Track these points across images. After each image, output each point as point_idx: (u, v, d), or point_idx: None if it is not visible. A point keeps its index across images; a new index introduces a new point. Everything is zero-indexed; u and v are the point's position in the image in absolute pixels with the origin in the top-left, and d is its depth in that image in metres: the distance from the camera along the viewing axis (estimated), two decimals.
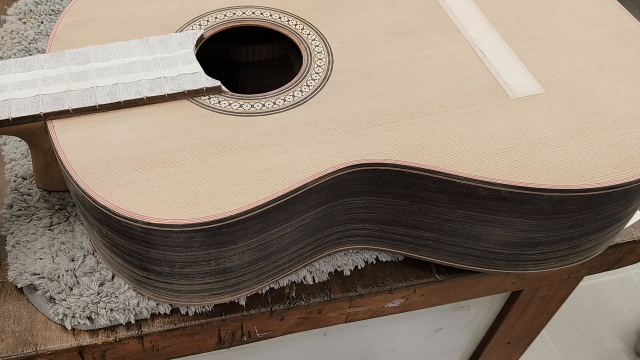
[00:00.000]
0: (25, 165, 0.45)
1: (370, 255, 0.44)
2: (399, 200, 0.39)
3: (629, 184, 0.37)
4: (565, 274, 0.51)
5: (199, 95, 0.39)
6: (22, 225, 0.42)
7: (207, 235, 0.33)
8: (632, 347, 1.19)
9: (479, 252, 0.41)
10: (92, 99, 0.37)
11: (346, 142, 0.37)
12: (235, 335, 0.43)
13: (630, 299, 1.27)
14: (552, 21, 0.47)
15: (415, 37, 0.45)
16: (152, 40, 0.41)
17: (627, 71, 0.43)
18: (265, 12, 0.46)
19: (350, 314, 0.45)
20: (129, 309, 0.39)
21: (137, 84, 0.38)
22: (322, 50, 0.43)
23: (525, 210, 0.37)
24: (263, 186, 0.34)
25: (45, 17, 0.56)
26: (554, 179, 0.36)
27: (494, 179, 0.36)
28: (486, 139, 0.38)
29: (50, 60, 0.39)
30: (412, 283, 0.44)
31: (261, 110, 0.38)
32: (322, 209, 0.38)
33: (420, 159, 0.36)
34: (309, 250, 0.41)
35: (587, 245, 0.42)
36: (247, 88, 0.51)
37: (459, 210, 0.38)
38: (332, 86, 0.40)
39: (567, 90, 0.41)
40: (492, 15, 0.47)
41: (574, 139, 0.38)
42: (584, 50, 0.44)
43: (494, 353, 0.67)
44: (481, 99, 0.40)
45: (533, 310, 0.60)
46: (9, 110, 0.35)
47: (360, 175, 0.37)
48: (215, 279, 0.36)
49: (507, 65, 0.43)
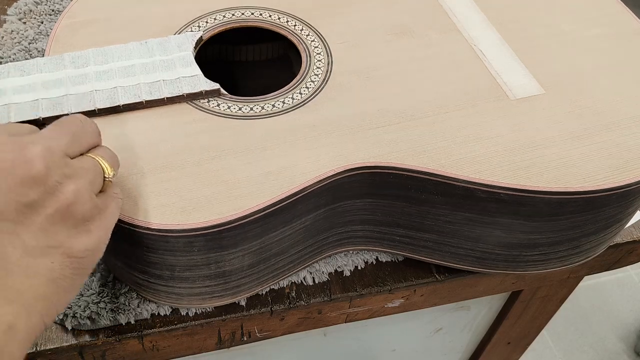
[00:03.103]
0: None
1: (370, 255, 0.45)
2: (399, 203, 0.39)
3: (629, 185, 0.36)
4: (565, 274, 0.51)
5: (198, 99, 0.39)
6: None
7: (207, 240, 0.33)
8: (632, 347, 1.19)
9: (479, 253, 0.41)
10: (91, 103, 0.37)
11: (346, 144, 0.37)
12: (235, 335, 0.43)
13: (630, 299, 1.27)
14: (553, 21, 0.46)
15: (415, 37, 0.44)
16: (151, 42, 0.41)
17: (628, 71, 0.43)
18: (264, 13, 0.45)
19: (350, 314, 0.46)
20: (129, 309, 0.39)
21: (136, 87, 0.38)
22: (321, 51, 0.43)
23: (525, 212, 0.37)
24: (263, 190, 0.34)
25: (45, 17, 0.56)
26: (554, 181, 0.36)
27: (493, 181, 0.36)
28: (486, 140, 0.38)
29: (49, 63, 0.39)
30: (412, 283, 0.44)
31: (260, 113, 0.38)
32: (322, 211, 0.38)
33: (420, 161, 0.36)
34: (309, 252, 0.41)
35: (587, 246, 0.42)
36: (246, 88, 0.51)
37: (459, 212, 0.38)
38: (331, 88, 0.40)
39: (567, 90, 0.41)
40: (492, 15, 0.47)
41: (573, 140, 0.38)
42: (585, 50, 0.44)
43: (494, 353, 0.68)
44: (481, 100, 0.40)
45: (533, 310, 0.60)
46: (8, 115, 0.35)
47: (360, 178, 0.37)
48: (216, 282, 0.37)
49: (507, 65, 0.43)
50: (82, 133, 0.30)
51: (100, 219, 0.29)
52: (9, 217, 0.26)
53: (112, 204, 0.30)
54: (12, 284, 0.25)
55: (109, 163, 0.31)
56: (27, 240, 0.26)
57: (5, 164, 0.26)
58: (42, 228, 0.26)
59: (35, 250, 0.26)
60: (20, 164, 0.26)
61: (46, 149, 0.27)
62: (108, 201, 0.30)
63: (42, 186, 0.26)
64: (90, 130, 0.31)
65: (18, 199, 0.26)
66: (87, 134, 0.31)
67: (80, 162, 0.29)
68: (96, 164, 0.30)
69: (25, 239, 0.26)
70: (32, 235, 0.26)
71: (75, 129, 0.30)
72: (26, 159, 0.26)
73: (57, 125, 0.30)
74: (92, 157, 0.30)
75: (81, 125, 0.31)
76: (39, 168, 0.26)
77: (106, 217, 0.30)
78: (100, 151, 0.31)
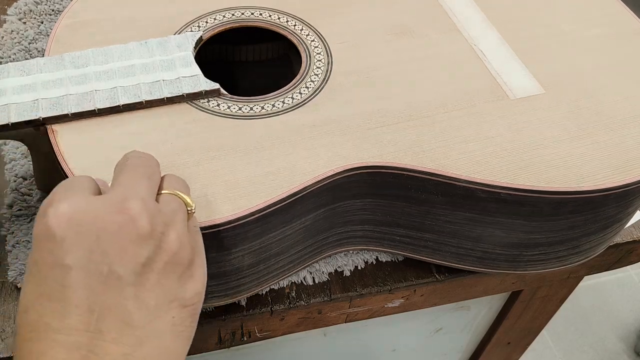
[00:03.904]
0: (25, 165, 0.45)
1: (370, 255, 0.45)
2: (399, 203, 0.39)
3: (628, 185, 0.36)
4: (565, 274, 0.51)
5: (198, 99, 0.39)
6: (22, 225, 0.42)
7: (206, 239, 0.33)
8: (632, 347, 1.19)
9: (479, 253, 0.41)
10: (91, 103, 0.37)
11: (345, 144, 0.37)
12: (235, 335, 0.43)
13: (630, 299, 1.27)
14: (553, 20, 0.46)
15: (415, 37, 0.44)
16: (150, 42, 0.41)
17: (628, 71, 0.43)
18: (264, 13, 0.45)
19: (350, 314, 0.46)
20: None
21: (136, 87, 0.38)
22: (321, 51, 0.43)
23: (525, 212, 0.37)
24: (262, 190, 0.34)
25: (45, 17, 0.56)
26: (554, 181, 0.36)
27: (493, 181, 0.36)
28: (486, 140, 0.38)
29: (49, 63, 0.39)
30: (412, 283, 0.44)
31: (260, 113, 0.38)
32: (321, 211, 0.38)
33: (419, 161, 0.36)
34: (309, 252, 0.41)
35: (587, 245, 0.42)
36: (246, 87, 0.51)
37: (459, 212, 0.38)
38: (331, 88, 0.40)
39: (568, 90, 0.41)
40: (492, 14, 0.47)
41: (574, 140, 0.38)
42: (585, 50, 0.44)
43: (494, 353, 0.68)
44: (481, 100, 0.40)
45: (533, 310, 0.60)
46: (8, 115, 0.35)
47: (359, 178, 0.37)
48: (216, 282, 0.37)
49: (507, 65, 0.43)
50: (151, 170, 0.29)
51: (197, 257, 0.28)
52: (129, 281, 0.24)
53: (199, 239, 0.29)
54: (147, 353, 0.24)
55: (186, 194, 0.29)
56: (149, 302, 0.25)
57: (112, 226, 0.24)
58: (157, 284, 0.25)
59: (157, 310, 0.25)
60: (126, 225, 0.25)
61: (142, 202, 0.25)
62: (197, 237, 0.29)
63: (150, 241, 0.25)
64: (155, 164, 0.30)
65: (134, 260, 0.25)
66: (153, 169, 0.29)
67: (168, 204, 0.28)
68: (180, 201, 0.28)
69: (147, 300, 0.25)
70: (152, 294, 0.25)
71: (145, 168, 0.28)
72: (130, 218, 0.25)
73: (129, 172, 0.28)
74: (174, 194, 0.28)
75: (146, 162, 0.29)
76: (144, 224, 0.25)
77: (201, 254, 0.28)
78: (173, 184, 0.29)
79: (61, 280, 0.24)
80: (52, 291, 0.24)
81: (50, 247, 0.24)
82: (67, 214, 0.25)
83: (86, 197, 0.26)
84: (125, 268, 0.24)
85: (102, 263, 0.24)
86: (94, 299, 0.24)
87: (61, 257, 0.24)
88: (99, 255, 0.24)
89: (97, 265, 0.24)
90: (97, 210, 0.25)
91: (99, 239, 0.24)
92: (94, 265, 0.24)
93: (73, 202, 0.25)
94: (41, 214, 0.25)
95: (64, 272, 0.24)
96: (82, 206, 0.25)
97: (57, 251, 0.24)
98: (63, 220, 0.24)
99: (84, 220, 0.25)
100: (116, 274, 0.24)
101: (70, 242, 0.24)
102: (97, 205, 0.25)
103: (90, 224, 0.25)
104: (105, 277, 0.24)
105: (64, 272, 0.24)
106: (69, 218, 0.25)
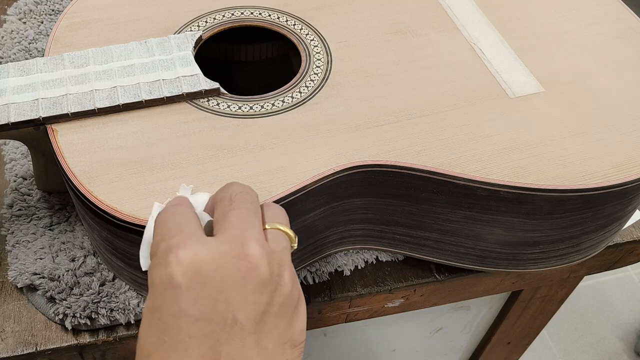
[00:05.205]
0: (25, 165, 0.45)
1: (370, 255, 0.45)
2: (399, 201, 0.39)
3: (628, 183, 0.36)
4: (565, 273, 0.51)
5: (197, 98, 0.39)
6: (22, 225, 0.42)
7: None
8: (632, 347, 1.19)
9: (479, 252, 0.41)
10: (91, 103, 0.37)
11: (345, 143, 0.37)
12: None
13: (630, 299, 1.27)
14: (552, 19, 0.47)
15: (415, 36, 0.45)
16: (150, 42, 0.41)
17: (628, 69, 0.43)
18: (264, 12, 0.46)
19: (350, 314, 0.46)
20: (129, 309, 0.39)
21: (135, 87, 0.38)
22: (320, 50, 0.43)
23: (524, 210, 0.37)
24: (262, 189, 0.34)
25: (45, 17, 0.56)
26: (554, 179, 0.36)
27: (493, 179, 0.36)
28: (485, 139, 0.38)
29: (49, 63, 0.39)
30: (412, 283, 0.44)
31: (260, 112, 0.38)
32: (321, 210, 0.38)
33: (419, 160, 0.36)
34: (309, 251, 0.41)
35: (587, 244, 0.42)
36: (246, 87, 0.51)
37: (459, 210, 0.38)
38: (330, 87, 0.40)
39: (567, 89, 0.41)
40: (492, 13, 0.47)
41: (573, 138, 0.38)
42: (585, 49, 0.44)
43: (494, 353, 0.67)
44: (480, 99, 0.40)
45: (533, 310, 0.60)
46: (8, 114, 0.35)
47: (359, 177, 0.37)
48: None
49: (507, 64, 0.43)
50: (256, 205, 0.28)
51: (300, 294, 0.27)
52: (251, 329, 0.24)
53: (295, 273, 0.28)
54: None
55: (287, 225, 0.28)
56: (268, 347, 0.24)
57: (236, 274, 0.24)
58: (274, 328, 0.25)
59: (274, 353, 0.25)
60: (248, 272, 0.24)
61: (261, 245, 0.25)
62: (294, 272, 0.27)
63: (269, 287, 0.25)
64: (256, 196, 0.28)
65: (255, 307, 0.24)
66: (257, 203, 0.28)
67: (278, 243, 0.27)
68: (286, 238, 0.28)
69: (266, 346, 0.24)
70: (270, 339, 0.25)
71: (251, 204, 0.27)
72: (253, 265, 0.24)
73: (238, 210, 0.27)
74: (280, 230, 0.28)
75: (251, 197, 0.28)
76: (264, 270, 0.24)
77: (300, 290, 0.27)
78: (277, 217, 0.28)
79: (187, 330, 0.24)
80: (176, 342, 0.23)
81: (174, 296, 0.24)
82: (192, 263, 0.24)
83: (205, 243, 0.25)
84: (247, 316, 0.24)
85: (226, 311, 0.24)
86: (219, 348, 0.24)
87: (186, 308, 0.24)
88: (223, 304, 0.24)
89: (221, 314, 0.24)
90: (220, 258, 0.25)
91: (222, 288, 0.24)
92: (219, 315, 0.24)
93: (195, 250, 0.24)
94: (161, 261, 0.25)
95: (190, 322, 0.24)
96: (204, 254, 0.24)
97: (183, 301, 0.24)
98: (188, 270, 0.24)
99: (209, 270, 0.24)
100: (240, 323, 0.24)
101: (195, 292, 0.24)
102: (219, 253, 0.25)
103: (215, 272, 0.24)
104: (230, 327, 0.24)
105: (190, 323, 0.24)
106: (194, 269, 0.24)
